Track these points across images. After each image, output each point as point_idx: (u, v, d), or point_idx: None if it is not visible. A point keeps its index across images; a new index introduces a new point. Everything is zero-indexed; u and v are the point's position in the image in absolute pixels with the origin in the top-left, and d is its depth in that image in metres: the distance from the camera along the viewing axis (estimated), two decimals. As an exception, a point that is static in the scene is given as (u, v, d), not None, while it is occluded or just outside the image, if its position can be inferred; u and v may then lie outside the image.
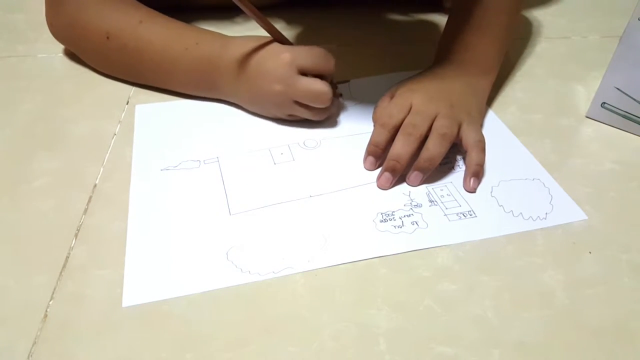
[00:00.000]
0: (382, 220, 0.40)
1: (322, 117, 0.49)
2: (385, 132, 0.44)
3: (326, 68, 0.46)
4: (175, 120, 0.50)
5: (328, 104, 0.46)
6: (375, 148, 0.44)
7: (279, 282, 0.35)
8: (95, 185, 0.43)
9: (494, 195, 0.42)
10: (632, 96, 0.49)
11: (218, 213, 0.40)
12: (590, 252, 0.38)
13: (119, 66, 0.54)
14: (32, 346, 0.31)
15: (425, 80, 0.49)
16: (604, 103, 0.51)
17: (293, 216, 0.40)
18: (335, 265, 0.36)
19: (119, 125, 0.49)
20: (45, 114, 0.51)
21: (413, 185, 0.43)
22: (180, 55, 0.49)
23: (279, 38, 0.47)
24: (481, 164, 0.43)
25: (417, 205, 0.41)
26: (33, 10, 0.69)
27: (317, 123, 0.49)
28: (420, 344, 0.32)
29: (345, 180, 0.43)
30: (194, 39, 0.49)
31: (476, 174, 0.43)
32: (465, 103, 0.46)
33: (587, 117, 0.52)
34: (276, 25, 0.46)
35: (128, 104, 0.52)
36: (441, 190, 0.43)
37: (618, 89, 0.49)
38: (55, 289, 0.34)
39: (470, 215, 0.40)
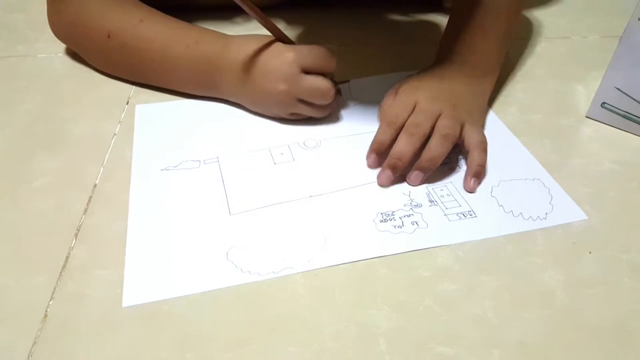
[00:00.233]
0: (382, 220, 0.40)
1: (325, 114, 0.49)
2: (390, 131, 0.44)
3: (328, 67, 0.47)
4: (175, 120, 0.50)
5: (331, 100, 0.47)
6: (379, 146, 0.44)
7: (279, 282, 0.35)
8: (95, 185, 0.43)
9: (494, 195, 0.42)
10: (632, 96, 0.49)
11: (218, 213, 0.40)
12: (590, 252, 0.38)
13: (120, 65, 0.54)
14: (32, 346, 0.31)
15: (429, 78, 0.49)
16: (604, 103, 0.51)
17: (293, 216, 0.40)
18: (335, 265, 0.36)
19: (119, 125, 0.49)
20: (45, 114, 0.51)
21: (413, 184, 0.43)
22: (181, 54, 0.49)
23: (280, 37, 0.47)
24: (483, 164, 0.43)
25: (417, 205, 0.41)
26: (33, 10, 0.69)
27: (317, 123, 0.49)
28: (420, 344, 0.32)
29: (345, 180, 0.43)
30: (194, 38, 0.49)
31: (477, 174, 0.43)
32: (467, 104, 0.47)
33: (587, 117, 0.52)
34: (277, 25, 0.46)
35: (128, 104, 0.52)
36: (441, 190, 0.43)
37: (618, 89, 0.49)
38: (55, 289, 0.34)
39: (470, 215, 0.40)
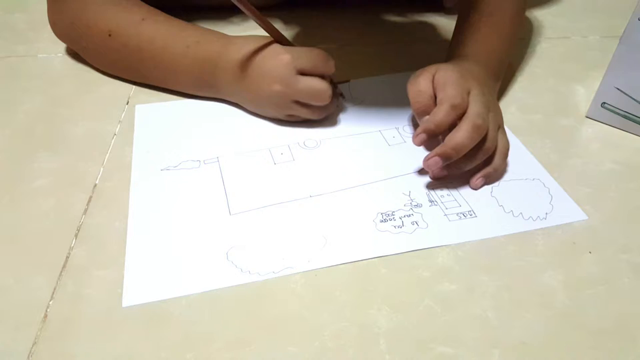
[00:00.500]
0: (382, 220, 0.40)
1: (322, 116, 0.49)
2: (453, 115, 0.41)
3: (325, 70, 0.46)
4: (175, 120, 0.50)
5: (328, 102, 0.47)
6: (436, 128, 0.41)
7: (279, 282, 0.35)
8: (95, 185, 0.43)
9: (494, 195, 0.42)
10: (632, 96, 0.49)
11: (218, 213, 0.40)
12: (590, 252, 0.38)
13: (121, 64, 0.54)
14: (32, 346, 0.31)
15: (463, 72, 0.45)
16: (604, 103, 0.51)
17: (293, 216, 0.40)
18: (335, 265, 0.36)
19: (119, 125, 0.49)
20: (45, 114, 0.51)
21: (437, 176, 0.43)
22: (181, 53, 0.49)
23: (278, 38, 0.47)
24: (497, 169, 0.43)
25: (417, 205, 0.41)
26: (33, 10, 0.69)
27: (317, 123, 0.49)
28: (420, 344, 0.32)
29: (345, 180, 0.43)
30: (195, 38, 0.49)
31: (488, 175, 0.43)
32: (497, 107, 0.46)
33: (587, 117, 0.52)
34: (275, 25, 0.46)
35: (128, 104, 0.52)
36: (441, 190, 0.43)
37: (618, 89, 0.49)
38: (55, 289, 0.34)
39: (470, 215, 0.40)
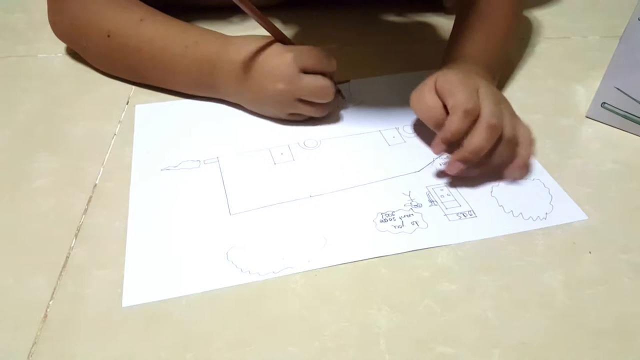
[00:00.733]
0: (382, 220, 0.40)
1: (324, 113, 0.49)
2: (468, 121, 0.41)
3: (327, 67, 0.47)
4: (175, 120, 0.50)
5: (332, 99, 0.47)
6: (453, 136, 0.41)
7: (279, 282, 0.35)
8: (95, 185, 0.43)
9: (494, 195, 0.42)
10: (632, 96, 0.49)
11: (218, 213, 0.40)
12: (590, 252, 0.38)
13: (120, 65, 0.54)
14: (32, 346, 0.31)
15: (465, 72, 0.45)
16: (604, 103, 0.51)
17: (293, 216, 0.40)
18: (335, 265, 0.36)
19: (119, 125, 0.49)
20: (45, 114, 0.51)
21: (452, 172, 0.42)
22: (180, 53, 0.49)
23: (280, 38, 0.47)
24: (527, 159, 0.43)
25: (417, 205, 0.41)
26: (33, 10, 0.69)
27: (318, 123, 0.49)
28: (420, 344, 0.32)
29: (345, 180, 0.43)
30: (194, 38, 0.49)
31: (524, 165, 0.43)
32: (503, 97, 0.46)
33: (587, 117, 0.52)
34: (275, 25, 0.46)
35: (128, 104, 0.52)
36: (441, 190, 0.43)
37: (618, 89, 0.49)
38: (55, 289, 0.34)
39: (470, 215, 0.40)
